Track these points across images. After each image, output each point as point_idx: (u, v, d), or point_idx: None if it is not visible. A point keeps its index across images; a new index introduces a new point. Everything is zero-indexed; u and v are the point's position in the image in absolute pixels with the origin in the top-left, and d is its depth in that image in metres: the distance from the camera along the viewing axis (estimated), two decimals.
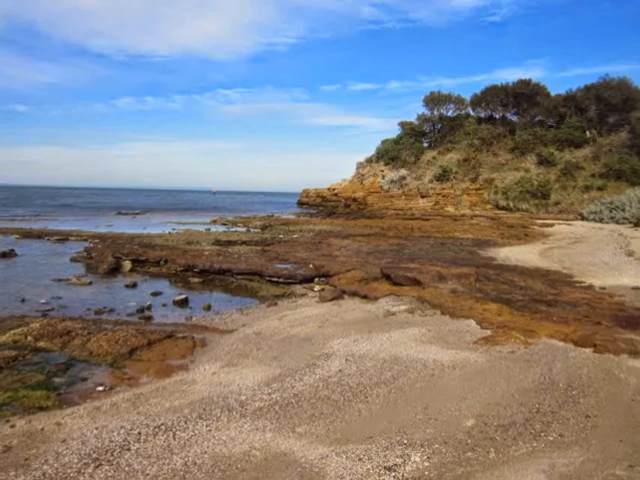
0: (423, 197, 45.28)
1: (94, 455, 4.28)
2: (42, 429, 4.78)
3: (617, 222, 30.08)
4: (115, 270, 14.88)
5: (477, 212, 39.41)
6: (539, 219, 33.31)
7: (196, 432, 4.70)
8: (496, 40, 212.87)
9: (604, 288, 11.28)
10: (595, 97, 43.43)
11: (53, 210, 48.98)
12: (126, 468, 4.10)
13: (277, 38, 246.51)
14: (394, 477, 3.98)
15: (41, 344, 7.51)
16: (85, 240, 21.39)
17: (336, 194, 53.31)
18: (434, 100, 52.60)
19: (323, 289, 12.15)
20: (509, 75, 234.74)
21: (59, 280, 13.40)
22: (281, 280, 13.08)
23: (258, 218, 39.53)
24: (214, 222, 35.29)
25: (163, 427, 4.78)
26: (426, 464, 4.15)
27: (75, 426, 4.84)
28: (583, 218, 33.05)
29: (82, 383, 6.22)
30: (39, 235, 23.45)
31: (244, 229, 29.62)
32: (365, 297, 10.87)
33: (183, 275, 14.30)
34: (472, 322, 8.44)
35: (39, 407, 5.34)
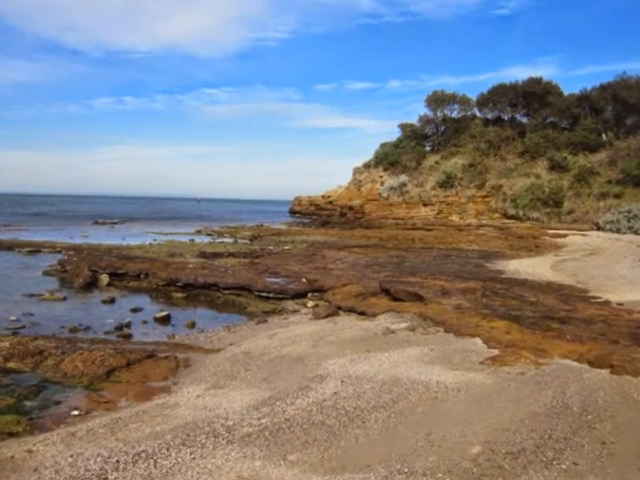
0: (425, 205, 45.49)
1: None
2: (12, 457, 4.77)
3: (636, 232, 30.28)
4: (91, 284, 14.85)
5: (484, 221, 39.63)
6: (551, 229, 33.49)
7: (179, 460, 4.70)
8: (504, 35, 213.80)
9: (622, 304, 11.36)
10: (612, 97, 43.85)
11: (24, 219, 48.75)
12: None
13: (267, 33, 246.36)
14: None
15: (11, 365, 7.50)
16: (59, 252, 21.32)
17: (331, 202, 53.51)
18: (437, 100, 52.98)
19: (317, 305, 12.18)
20: (518, 73, 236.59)
21: (31, 295, 13.37)
22: (271, 295, 13.10)
23: (246, 228, 39.56)
24: (199, 232, 35.26)
25: (143, 455, 4.78)
26: None
27: (48, 454, 4.84)
28: (599, 228, 33.24)
29: (55, 407, 6.22)
30: (9, 246, 23.36)
31: (231, 240, 29.62)
32: (362, 314, 10.90)
33: (165, 290, 14.30)
34: (478, 341, 8.48)
35: (9, 433, 5.34)
